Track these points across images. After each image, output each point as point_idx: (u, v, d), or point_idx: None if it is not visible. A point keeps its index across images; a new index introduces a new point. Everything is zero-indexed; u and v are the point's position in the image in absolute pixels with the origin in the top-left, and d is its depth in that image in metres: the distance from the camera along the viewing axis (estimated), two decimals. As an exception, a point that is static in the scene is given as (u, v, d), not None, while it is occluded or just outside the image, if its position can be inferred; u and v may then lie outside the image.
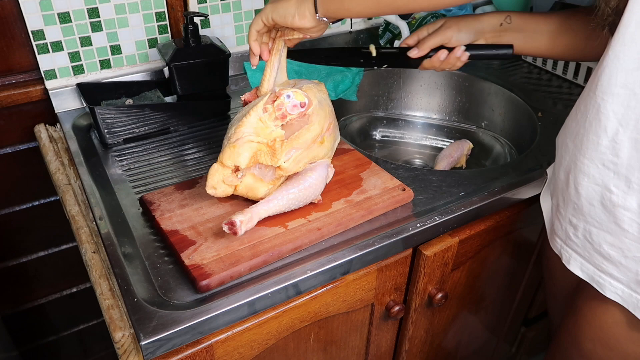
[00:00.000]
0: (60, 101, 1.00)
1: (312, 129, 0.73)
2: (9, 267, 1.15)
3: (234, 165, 0.69)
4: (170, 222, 0.73)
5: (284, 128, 0.71)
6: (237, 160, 0.68)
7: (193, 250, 0.68)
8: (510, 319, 1.21)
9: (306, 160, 0.74)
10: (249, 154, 0.69)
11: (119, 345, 0.63)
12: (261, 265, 0.68)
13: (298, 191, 0.73)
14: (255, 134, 0.70)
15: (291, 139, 0.71)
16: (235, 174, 0.69)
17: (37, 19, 0.92)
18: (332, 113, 0.79)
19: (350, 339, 0.88)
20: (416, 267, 0.84)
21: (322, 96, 0.78)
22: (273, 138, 0.70)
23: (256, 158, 0.70)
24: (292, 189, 0.73)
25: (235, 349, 0.70)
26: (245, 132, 0.69)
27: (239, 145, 0.69)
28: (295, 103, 0.70)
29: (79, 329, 1.33)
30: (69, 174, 0.90)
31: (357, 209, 0.76)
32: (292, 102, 0.70)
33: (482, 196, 0.83)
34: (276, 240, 0.70)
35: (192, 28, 0.94)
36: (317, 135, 0.74)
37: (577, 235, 0.73)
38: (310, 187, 0.74)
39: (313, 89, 0.77)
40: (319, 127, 0.74)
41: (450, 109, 1.26)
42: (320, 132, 0.75)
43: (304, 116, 0.72)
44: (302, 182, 0.73)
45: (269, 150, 0.70)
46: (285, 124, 0.71)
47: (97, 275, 0.71)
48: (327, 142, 0.77)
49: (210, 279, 0.64)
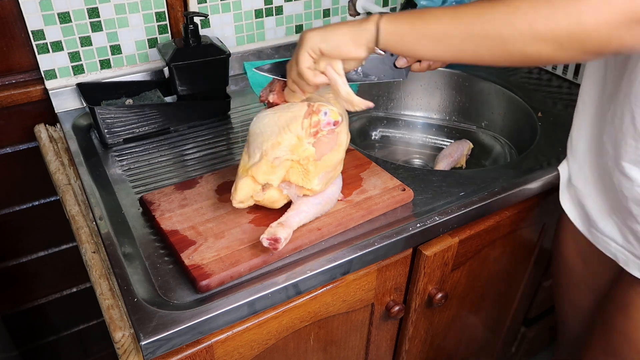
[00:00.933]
0: (60, 101, 1.00)
1: (340, 150, 0.71)
2: (9, 267, 1.15)
3: (266, 182, 0.67)
4: (171, 222, 0.73)
5: (314, 145, 0.68)
6: (272, 178, 0.67)
7: (193, 250, 0.68)
8: (510, 319, 1.21)
9: (331, 179, 0.73)
10: (283, 173, 0.67)
11: (119, 345, 0.63)
12: (261, 266, 0.68)
13: (320, 206, 0.72)
14: (291, 152, 0.67)
15: (323, 161, 0.69)
16: (264, 189, 0.68)
17: (37, 19, 0.92)
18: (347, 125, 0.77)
19: (350, 339, 0.88)
20: (416, 267, 0.84)
21: (343, 110, 0.75)
22: (305, 156, 0.67)
23: (287, 176, 0.68)
24: (315, 202, 0.72)
25: (235, 349, 0.70)
26: (283, 150, 0.66)
27: (277, 165, 0.66)
28: (330, 121, 0.68)
29: (79, 329, 1.33)
30: (69, 174, 0.90)
31: (357, 209, 0.76)
32: (328, 119, 0.67)
33: (482, 196, 0.83)
34: None
35: (192, 28, 0.94)
36: (343, 155, 0.72)
37: (637, 237, 0.74)
38: (330, 200, 0.74)
39: (336, 101, 0.73)
40: (344, 147, 0.72)
41: (450, 109, 1.26)
42: (345, 150, 0.73)
43: (333, 133, 0.69)
44: (323, 196, 0.73)
45: (300, 170, 0.68)
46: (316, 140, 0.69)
47: (97, 275, 0.71)
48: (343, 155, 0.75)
49: (210, 279, 0.64)
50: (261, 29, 1.14)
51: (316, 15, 1.19)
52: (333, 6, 1.20)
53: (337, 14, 1.22)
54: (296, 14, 1.17)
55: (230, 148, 0.93)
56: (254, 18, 1.12)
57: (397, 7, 1.28)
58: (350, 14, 1.23)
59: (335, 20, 1.23)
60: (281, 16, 1.15)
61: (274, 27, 1.16)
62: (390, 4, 1.28)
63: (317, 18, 1.20)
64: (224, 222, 0.73)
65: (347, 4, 1.22)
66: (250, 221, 0.73)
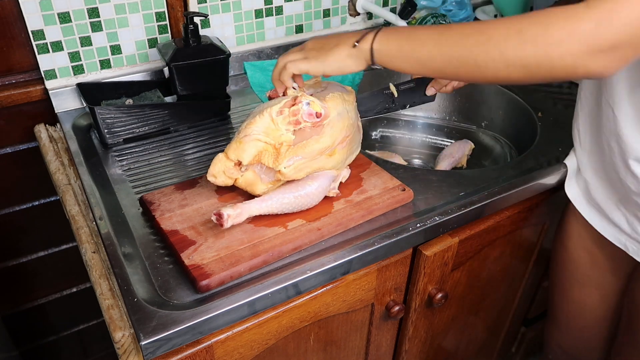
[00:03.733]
0: (60, 101, 0.99)
1: (322, 141, 0.72)
2: (9, 267, 1.15)
3: (237, 159, 0.70)
4: (171, 222, 0.73)
5: (296, 134, 0.70)
6: (241, 155, 0.69)
7: (193, 250, 0.68)
8: (510, 319, 1.21)
9: (309, 169, 0.73)
10: (254, 152, 0.69)
11: (119, 345, 0.63)
12: (261, 265, 0.68)
13: (294, 198, 0.72)
14: (265, 134, 0.70)
15: (297, 147, 0.71)
16: (237, 167, 0.70)
17: (37, 19, 0.92)
18: (352, 126, 0.77)
19: (350, 339, 0.88)
20: (416, 267, 0.84)
21: (345, 107, 0.76)
22: (281, 141, 0.70)
23: (260, 157, 0.70)
24: (288, 193, 0.72)
25: (235, 349, 0.70)
26: (255, 130, 0.70)
27: (245, 142, 0.69)
28: (312, 112, 0.70)
29: (79, 329, 1.33)
30: (69, 174, 0.90)
31: (357, 209, 0.76)
32: (309, 110, 0.70)
33: (482, 196, 0.83)
34: (276, 240, 0.70)
35: (192, 28, 0.94)
36: (326, 147, 0.73)
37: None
38: (307, 196, 0.73)
39: (337, 99, 0.74)
40: (330, 140, 0.73)
41: (450, 109, 1.26)
42: (331, 144, 0.73)
43: (318, 126, 0.71)
44: (300, 190, 0.73)
45: (273, 152, 0.70)
46: (298, 130, 0.71)
47: (97, 275, 0.71)
48: (339, 154, 0.75)
49: (210, 279, 0.64)
50: (261, 29, 1.14)
51: (316, 15, 1.19)
52: (333, 6, 1.20)
53: (337, 14, 1.22)
54: (296, 14, 1.17)
55: (230, 148, 0.93)
56: (254, 18, 1.12)
57: (397, 7, 1.28)
58: (350, 14, 1.23)
59: (335, 20, 1.23)
60: (281, 16, 1.15)
61: (274, 27, 1.16)
62: (390, 4, 1.28)
63: (317, 18, 1.20)
64: None
65: (347, 4, 1.22)
66: (250, 221, 0.72)
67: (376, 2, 1.24)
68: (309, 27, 1.20)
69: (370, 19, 1.28)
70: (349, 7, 1.22)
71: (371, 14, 1.26)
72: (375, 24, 1.29)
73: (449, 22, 1.21)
